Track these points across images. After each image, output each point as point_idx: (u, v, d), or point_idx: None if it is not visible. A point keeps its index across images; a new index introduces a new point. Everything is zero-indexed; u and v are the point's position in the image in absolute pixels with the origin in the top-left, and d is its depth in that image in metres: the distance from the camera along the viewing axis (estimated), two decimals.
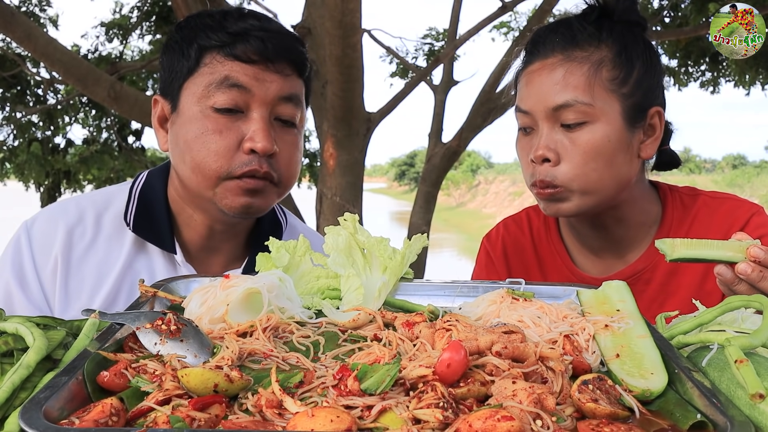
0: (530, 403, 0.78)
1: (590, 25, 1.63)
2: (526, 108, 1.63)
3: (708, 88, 9.22)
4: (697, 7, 6.91)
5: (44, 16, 9.33)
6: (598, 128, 1.56)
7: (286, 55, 1.53)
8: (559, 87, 1.57)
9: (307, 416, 0.73)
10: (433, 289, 1.34)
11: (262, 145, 1.48)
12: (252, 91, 1.49)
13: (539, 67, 1.63)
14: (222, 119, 1.50)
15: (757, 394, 0.81)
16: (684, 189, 1.80)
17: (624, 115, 1.59)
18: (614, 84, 1.59)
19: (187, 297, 1.20)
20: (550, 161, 1.58)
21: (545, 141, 1.59)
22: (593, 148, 1.56)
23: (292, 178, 1.61)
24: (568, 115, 1.56)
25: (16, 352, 0.94)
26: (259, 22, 1.53)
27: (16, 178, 10.76)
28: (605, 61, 1.59)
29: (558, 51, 1.62)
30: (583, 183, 1.57)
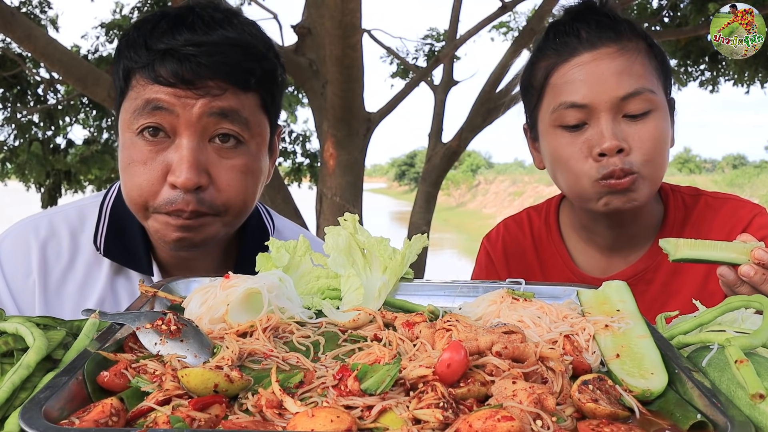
0: (530, 403, 0.78)
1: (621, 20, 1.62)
2: (584, 101, 1.55)
3: (707, 87, 9.23)
4: (697, 7, 6.92)
5: (44, 17, 9.34)
6: (660, 116, 1.57)
7: (211, 74, 1.34)
8: (626, 76, 1.54)
9: (307, 416, 0.73)
10: (433, 289, 1.34)
11: (183, 179, 1.33)
12: (175, 111, 1.34)
13: (592, 57, 1.57)
14: (147, 148, 1.37)
15: (757, 394, 0.81)
16: (686, 189, 1.80)
17: (668, 104, 1.62)
18: (659, 73, 1.61)
19: (187, 297, 1.20)
20: (622, 151, 1.53)
21: (613, 131, 1.53)
22: (660, 136, 1.56)
23: (239, 205, 1.44)
24: (636, 104, 1.54)
25: (16, 352, 0.94)
26: (190, 34, 1.35)
27: (17, 178, 10.77)
28: (650, 52, 1.61)
29: (609, 41, 1.58)
30: (654, 170, 1.57)
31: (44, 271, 1.52)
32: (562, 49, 1.62)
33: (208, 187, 1.38)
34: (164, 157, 1.37)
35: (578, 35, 1.61)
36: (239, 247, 1.64)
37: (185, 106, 1.34)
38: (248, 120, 1.42)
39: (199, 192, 1.37)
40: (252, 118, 1.43)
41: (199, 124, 1.36)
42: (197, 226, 1.40)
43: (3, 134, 10.04)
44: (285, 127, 11.17)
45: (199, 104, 1.34)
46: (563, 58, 1.61)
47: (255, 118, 1.44)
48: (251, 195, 1.47)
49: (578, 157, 1.57)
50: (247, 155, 1.43)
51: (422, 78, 6.88)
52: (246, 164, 1.43)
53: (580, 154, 1.57)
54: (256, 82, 1.42)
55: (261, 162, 1.49)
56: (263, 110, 1.47)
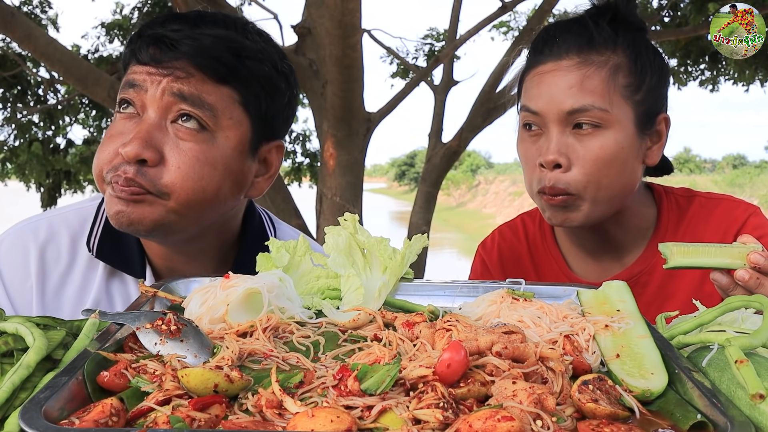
0: (530, 403, 0.78)
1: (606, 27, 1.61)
2: (536, 109, 1.58)
3: (707, 86, 9.23)
4: (697, 7, 6.92)
5: (44, 17, 9.34)
6: (611, 135, 1.54)
7: (179, 56, 1.39)
8: (575, 90, 1.54)
9: (307, 416, 0.73)
10: (433, 289, 1.34)
11: (128, 150, 1.34)
12: (144, 87, 1.39)
13: (553, 68, 1.58)
14: (119, 122, 1.42)
15: (757, 394, 0.81)
16: (679, 190, 1.79)
17: (636, 122, 1.58)
18: (629, 91, 1.57)
19: (187, 297, 1.20)
20: (561, 167, 1.54)
21: (556, 145, 1.54)
22: (606, 155, 1.53)
23: (187, 191, 1.39)
24: (583, 120, 1.53)
25: (16, 352, 0.94)
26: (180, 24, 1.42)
27: (17, 178, 10.77)
28: (622, 67, 1.58)
29: (573, 53, 1.58)
30: (595, 191, 1.54)
31: (42, 275, 1.51)
32: (536, 55, 1.65)
33: (156, 165, 1.37)
34: (129, 131, 1.39)
35: (551, 44, 1.62)
36: (237, 251, 1.63)
37: (152, 82, 1.39)
38: (214, 108, 1.41)
39: (143, 165, 1.36)
40: (221, 108, 1.42)
41: (162, 101, 1.39)
42: (133, 200, 1.37)
43: (3, 134, 10.04)
44: None
45: (163, 82, 1.39)
46: (533, 63, 1.64)
47: (227, 110, 1.43)
48: (206, 186, 1.41)
49: (531, 162, 1.61)
50: (209, 144, 1.41)
51: (422, 78, 6.88)
52: (205, 152, 1.41)
53: (532, 160, 1.60)
54: (234, 77, 1.43)
55: (230, 159, 1.45)
56: (242, 108, 1.46)
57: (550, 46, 1.62)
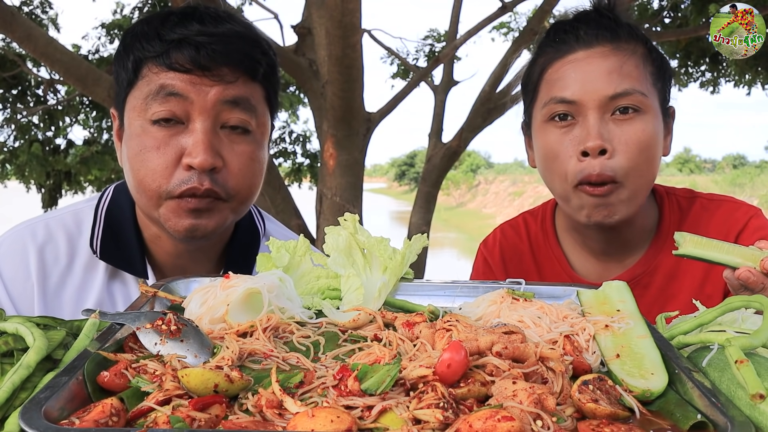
0: (530, 403, 0.78)
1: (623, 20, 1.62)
2: (573, 97, 1.55)
3: (708, 88, 9.23)
4: (698, 8, 6.92)
5: (45, 17, 9.34)
6: (649, 119, 1.55)
7: (226, 61, 1.39)
8: (615, 75, 1.54)
9: (307, 416, 0.73)
10: (434, 289, 1.34)
11: (200, 160, 1.36)
12: (189, 98, 1.38)
13: (585, 56, 1.57)
14: (160, 133, 1.39)
15: (757, 394, 0.81)
16: (681, 192, 1.79)
17: (662, 110, 1.61)
18: (654, 78, 1.60)
19: (188, 297, 1.20)
20: (605, 153, 1.52)
21: (598, 130, 1.52)
22: (647, 139, 1.54)
23: (246, 191, 1.47)
24: (624, 104, 1.53)
25: (16, 352, 0.94)
26: (201, 26, 1.40)
27: (17, 179, 10.76)
28: (647, 56, 1.60)
29: (605, 40, 1.58)
30: (636, 178, 1.54)
31: (43, 275, 1.51)
32: (559, 46, 1.63)
33: (222, 170, 1.42)
34: (178, 142, 1.39)
35: (576, 34, 1.62)
36: (233, 246, 1.65)
37: (200, 92, 1.38)
38: (256, 109, 1.47)
39: (213, 173, 1.40)
40: (259, 107, 1.48)
41: (214, 111, 1.40)
42: (209, 209, 1.41)
43: (3, 135, 10.04)
44: (285, 128, 11.17)
45: (213, 91, 1.39)
46: (559, 54, 1.62)
47: (261, 108, 1.49)
48: (257, 182, 1.51)
49: (564, 155, 1.57)
50: (254, 143, 1.48)
51: (422, 78, 6.88)
52: (253, 151, 1.48)
53: (566, 153, 1.57)
54: (263, 73, 1.48)
55: (264, 151, 1.53)
56: (267, 103, 1.52)
57: (575, 36, 1.62)
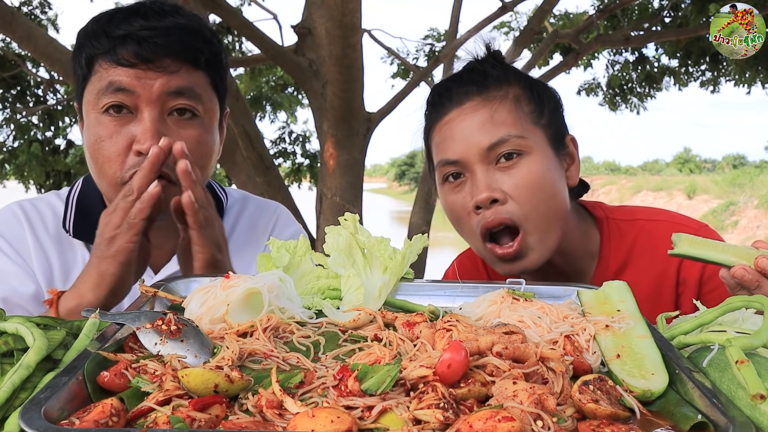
0: (531, 403, 0.78)
1: (495, 66, 1.65)
2: (456, 157, 1.58)
3: (708, 87, 9.23)
4: (698, 8, 6.92)
5: (44, 17, 9.34)
6: (535, 159, 1.55)
7: (168, 52, 1.49)
8: (488, 126, 1.55)
9: (307, 417, 0.73)
10: (434, 289, 1.34)
11: (148, 146, 1.45)
12: (136, 92, 1.48)
13: (458, 114, 1.60)
14: (112, 123, 1.50)
15: (758, 394, 0.81)
16: (621, 214, 1.76)
17: (550, 144, 1.60)
18: (534, 116, 1.60)
19: (188, 297, 1.20)
20: (498, 201, 1.53)
21: (486, 181, 1.54)
22: (537, 180, 1.54)
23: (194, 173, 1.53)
24: (504, 151, 1.54)
25: (16, 352, 0.94)
26: (145, 21, 1.50)
27: (16, 179, 10.75)
28: (521, 96, 1.61)
29: (474, 94, 1.60)
30: (537, 220, 1.53)
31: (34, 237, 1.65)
32: (437, 109, 1.66)
33: (168, 155, 1.47)
34: (128, 130, 1.50)
35: (449, 95, 1.64)
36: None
37: (145, 86, 1.49)
38: (201, 95, 1.56)
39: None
40: (204, 94, 1.58)
41: (159, 101, 1.50)
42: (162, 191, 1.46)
43: (2, 135, 10.03)
44: (285, 128, 11.17)
45: (158, 83, 1.49)
46: (437, 117, 1.65)
47: (206, 94, 1.59)
48: (205, 164, 1.60)
49: (463, 213, 1.60)
50: (201, 127, 1.57)
51: (422, 78, 6.88)
52: (201, 135, 1.57)
53: (464, 210, 1.59)
54: (206, 61, 1.57)
55: (213, 135, 1.63)
56: (213, 88, 1.62)
57: (448, 97, 1.64)
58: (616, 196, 36.19)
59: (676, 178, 43.04)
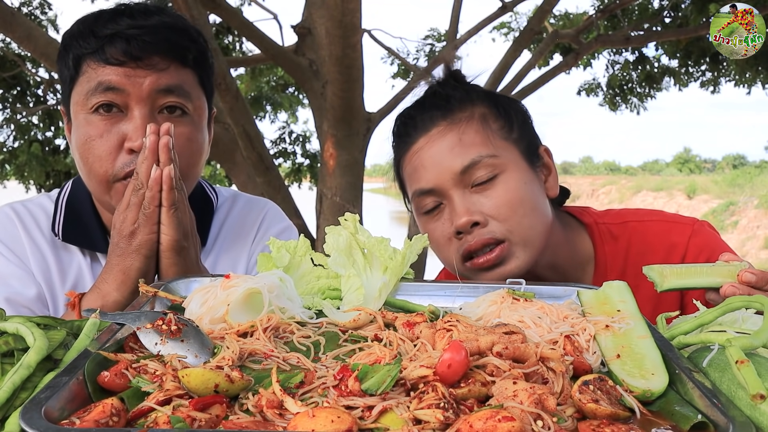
0: (531, 403, 0.78)
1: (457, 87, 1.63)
2: (430, 185, 1.55)
3: (708, 87, 9.23)
4: (698, 8, 6.92)
5: (44, 18, 9.34)
6: (511, 176, 1.53)
7: (156, 50, 1.50)
8: (458, 149, 1.53)
9: (307, 416, 0.73)
10: (434, 289, 1.34)
11: (138, 143, 1.46)
12: (126, 90, 1.48)
13: (426, 142, 1.57)
14: (102, 123, 1.50)
15: (758, 394, 0.81)
16: (610, 218, 1.74)
17: (524, 157, 1.58)
18: (504, 132, 1.58)
19: (188, 297, 1.20)
20: (479, 224, 1.51)
21: (465, 206, 1.51)
22: (515, 196, 1.52)
23: (185, 170, 1.54)
24: (478, 173, 1.52)
25: (16, 352, 0.94)
26: (132, 20, 1.51)
27: (16, 179, 10.75)
28: (487, 114, 1.59)
29: (439, 119, 1.58)
30: (521, 233, 1.52)
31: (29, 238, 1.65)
32: (404, 139, 1.64)
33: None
34: (119, 129, 1.50)
35: (414, 123, 1.62)
36: None
37: (135, 84, 1.49)
38: (190, 93, 1.57)
39: None
40: (193, 92, 1.58)
41: (149, 99, 1.50)
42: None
43: (2, 135, 10.03)
44: (285, 128, 11.17)
45: (147, 81, 1.49)
46: (405, 147, 1.63)
47: (195, 92, 1.60)
48: (195, 161, 1.61)
49: (443, 241, 1.57)
50: (191, 125, 1.58)
51: (422, 78, 6.87)
52: (191, 132, 1.58)
53: (444, 238, 1.56)
54: (193, 59, 1.58)
55: (202, 133, 1.64)
56: (201, 87, 1.62)
57: (413, 126, 1.61)
58: (616, 196, 36.17)
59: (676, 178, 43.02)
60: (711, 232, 1.68)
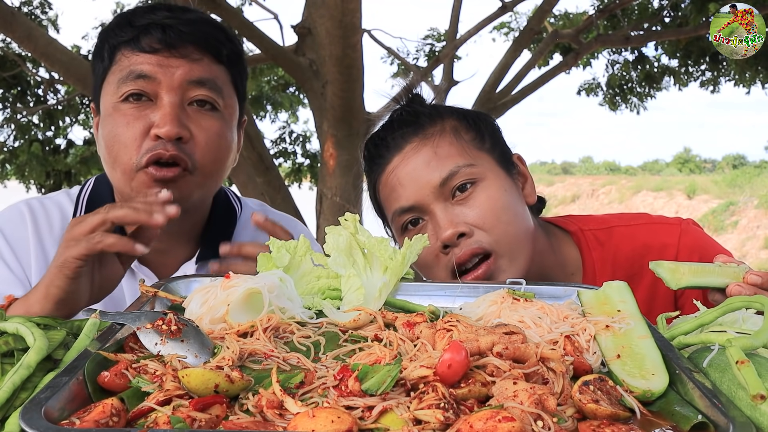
0: (531, 403, 0.78)
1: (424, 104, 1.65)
2: (410, 203, 1.54)
3: (708, 87, 9.23)
4: (697, 7, 6.93)
5: (45, 18, 9.34)
6: (491, 184, 1.53)
7: (192, 39, 1.49)
8: (434, 163, 1.53)
9: (307, 417, 0.73)
10: (434, 290, 1.34)
11: (167, 129, 1.43)
12: (157, 78, 1.46)
13: (401, 159, 1.57)
14: (130, 110, 1.47)
15: (758, 395, 0.81)
16: (595, 223, 1.73)
17: (500, 166, 1.58)
18: (477, 142, 1.58)
19: (188, 297, 1.20)
20: (465, 234, 1.49)
21: (448, 218, 1.50)
22: (498, 204, 1.51)
23: (212, 166, 1.52)
24: (458, 182, 1.51)
25: (16, 352, 0.94)
26: (170, 12, 1.51)
27: (17, 179, 10.76)
28: (458, 126, 1.59)
29: (410, 136, 1.58)
30: (507, 243, 1.50)
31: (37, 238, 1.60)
32: (378, 160, 1.63)
33: (188, 141, 1.47)
34: (147, 116, 1.46)
35: (386, 143, 1.61)
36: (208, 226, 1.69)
37: (167, 73, 1.47)
38: (222, 89, 1.55)
39: (179, 143, 1.46)
40: (225, 88, 1.56)
41: (180, 89, 1.48)
42: (175, 179, 1.45)
43: (3, 135, 10.04)
44: (285, 128, 11.17)
45: (180, 71, 1.47)
46: (380, 168, 1.62)
47: (227, 89, 1.57)
48: (223, 158, 1.56)
49: (430, 258, 1.54)
50: (221, 121, 1.55)
51: (422, 78, 6.88)
52: (220, 128, 1.54)
53: (431, 255, 1.53)
54: (227, 57, 1.56)
55: (232, 132, 1.60)
56: (233, 86, 1.60)
57: (385, 146, 1.61)
58: (616, 196, 36.15)
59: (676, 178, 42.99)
60: (699, 231, 1.67)
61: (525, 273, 1.54)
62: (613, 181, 42.95)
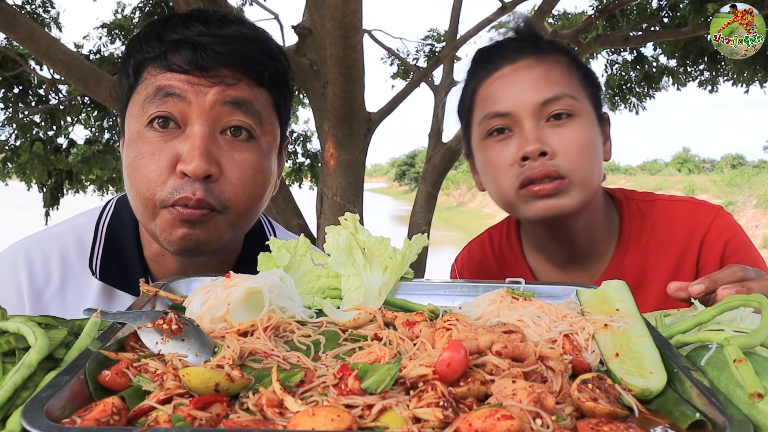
0: (530, 402, 0.78)
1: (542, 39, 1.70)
2: (506, 110, 1.59)
3: (706, 87, 9.23)
4: (696, 8, 6.92)
5: (47, 17, 9.34)
6: (584, 122, 1.59)
7: (226, 61, 1.31)
8: (543, 83, 1.58)
9: (307, 415, 0.74)
10: (434, 289, 1.34)
11: (194, 167, 1.27)
12: (187, 98, 1.30)
13: (512, 70, 1.62)
14: (156, 138, 1.31)
15: (755, 393, 0.81)
16: (640, 195, 1.80)
17: (595, 113, 1.65)
18: (583, 84, 1.64)
19: (189, 296, 1.20)
20: (546, 154, 1.55)
21: (536, 135, 1.55)
22: (584, 140, 1.57)
23: (245, 204, 1.37)
24: (557, 108, 1.57)
25: (17, 351, 0.94)
26: (204, 27, 1.33)
27: (18, 178, 10.76)
28: (571, 65, 1.65)
29: (529, 52, 1.64)
30: (581, 175, 1.56)
31: (34, 296, 1.46)
32: (486, 65, 1.68)
33: (218, 179, 1.32)
34: (173, 147, 1.31)
35: (500, 53, 1.67)
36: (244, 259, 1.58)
37: (198, 93, 1.30)
38: (261, 114, 1.37)
39: (208, 182, 1.31)
40: (265, 113, 1.39)
41: (212, 113, 1.31)
42: (202, 220, 1.32)
43: (4, 134, 10.03)
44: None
45: (213, 92, 1.30)
46: (486, 73, 1.67)
47: (267, 114, 1.40)
48: (258, 194, 1.40)
49: (504, 165, 1.60)
50: (258, 152, 1.38)
51: (422, 78, 6.88)
52: (257, 161, 1.38)
53: (506, 162, 1.59)
54: (270, 78, 1.39)
55: (271, 163, 1.43)
56: (275, 110, 1.44)
57: (498, 55, 1.67)
58: None
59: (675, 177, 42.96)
60: (733, 219, 1.72)
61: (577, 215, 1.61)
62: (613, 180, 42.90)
